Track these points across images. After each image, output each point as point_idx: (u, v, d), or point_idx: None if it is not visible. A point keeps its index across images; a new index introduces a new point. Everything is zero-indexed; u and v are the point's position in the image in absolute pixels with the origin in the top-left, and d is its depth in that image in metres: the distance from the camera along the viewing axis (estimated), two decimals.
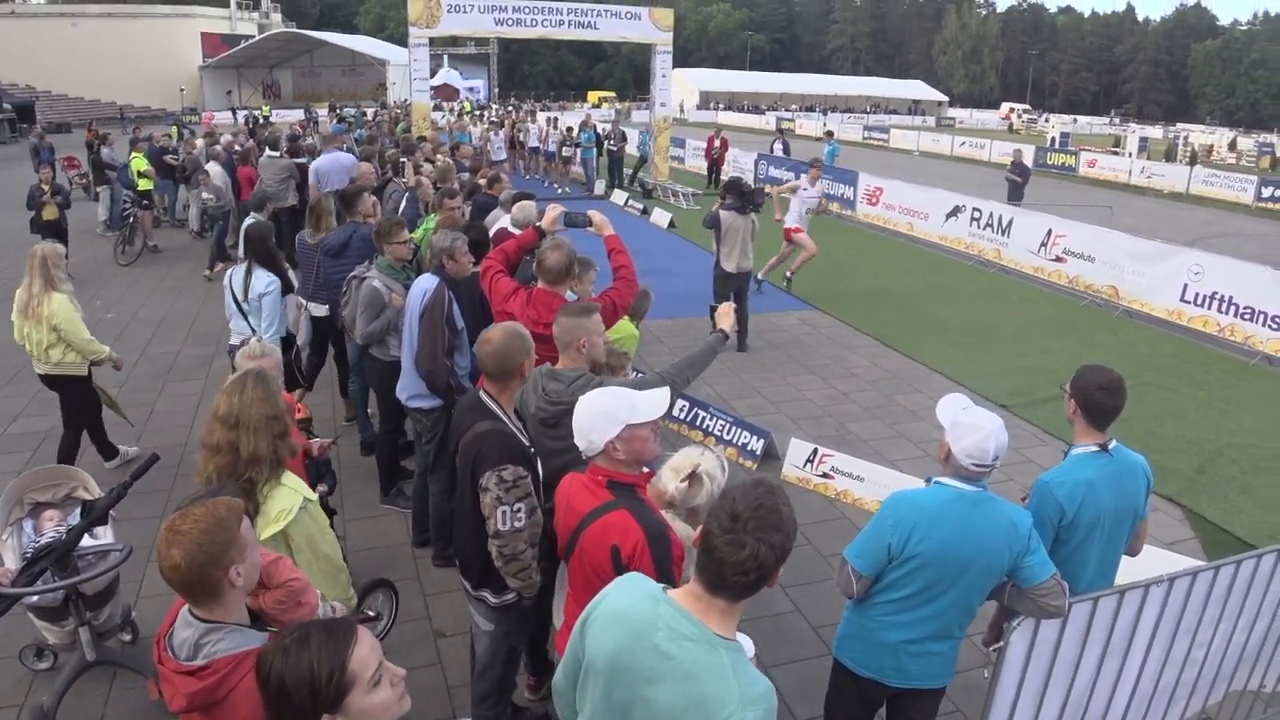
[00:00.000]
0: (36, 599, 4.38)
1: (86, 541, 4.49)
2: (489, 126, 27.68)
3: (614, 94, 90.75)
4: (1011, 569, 3.26)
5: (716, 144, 25.85)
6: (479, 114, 42.62)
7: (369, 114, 38.32)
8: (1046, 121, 77.61)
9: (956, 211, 17.85)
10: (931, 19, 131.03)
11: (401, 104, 41.16)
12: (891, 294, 14.18)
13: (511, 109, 48.65)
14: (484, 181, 10.41)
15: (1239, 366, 11.25)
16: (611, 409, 3.06)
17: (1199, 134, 62.13)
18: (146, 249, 15.58)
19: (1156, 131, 65.34)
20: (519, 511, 3.45)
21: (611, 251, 5.18)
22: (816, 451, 7.34)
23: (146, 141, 18.15)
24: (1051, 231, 15.27)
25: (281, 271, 6.99)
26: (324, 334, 8.17)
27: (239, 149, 16.74)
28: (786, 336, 11.72)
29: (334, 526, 5.51)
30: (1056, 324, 12.93)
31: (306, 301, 7.95)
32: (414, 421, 6.06)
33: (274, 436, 3.45)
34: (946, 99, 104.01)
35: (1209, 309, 12.27)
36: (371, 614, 5.09)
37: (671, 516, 3.40)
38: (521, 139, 27.67)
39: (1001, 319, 13.01)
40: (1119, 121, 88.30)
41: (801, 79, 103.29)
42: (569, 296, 5.23)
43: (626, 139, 26.22)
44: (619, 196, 23.30)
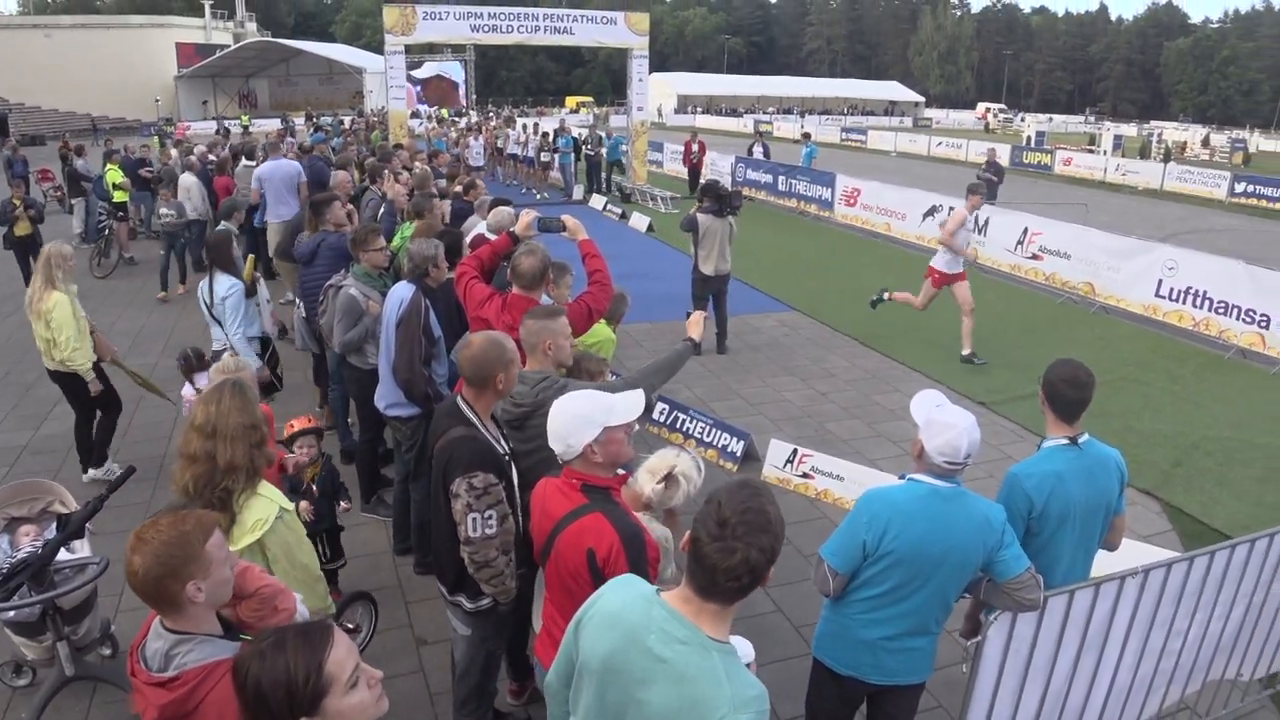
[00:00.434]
0: (13, 614, 4.33)
1: (63, 555, 4.44)
2: (466, 132, 27.61)
3: (592, 99, 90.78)
4: (986, 563, 3.28)
5: (695, 148, 25.70)
6: (456, 120, 42.51)
7: (346, 122, 38.18)
8: (1022, 121, 78.25)
9: (934, 211, 17.95)
10: (907, 20, 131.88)
11: (378, 112, 41.08)
12: (870, 294, 14.20)
13: (491, 114, 48.58)
14: (460, 188, 10.42)
15: (1214, 360, 11.35)
16: (589, 412, 3.05)
17: (1172, 131, 62.75)
18: (122, 261, 15.47)
19: (1131, 129, 66.02)
20: (490, 519, 3.43)
21: (586, 256, 5.18)
22: (796, 452, 7.37)
23: (121, 153, 18.03)
24: (1028, 229, 15.38)
25: (239, 276, 7.08)
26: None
27: (214, 159, 16.64)
28: (765, 338, 11.75)
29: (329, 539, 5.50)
30: (1034, 321, 13.02)
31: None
32: (393, 430, 6.04)
33: (251, 445, 3.43)
34: (923, 100, 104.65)
35: (1184, 304, 12.38)
36: (350, 626, 5.08)
37: (648, 518, 3.41)
38: (500, 145, 27.63)
39: (979, 317, 13.03)
40: (1094, 120, 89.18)
41: (779, 81, 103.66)
42: (545, 302, 5.24)
43: (604, 143, 26.22)
44: (597, 201, 23.32)
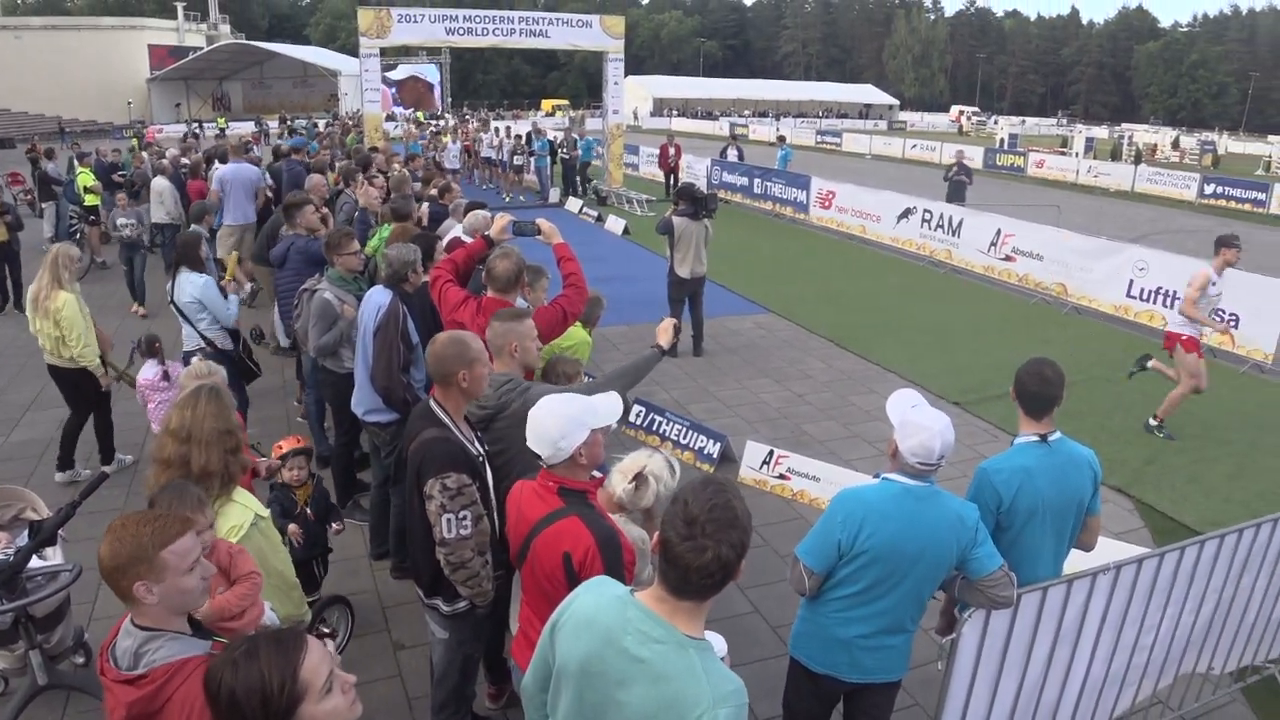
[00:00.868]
0: None
1: (35, 563, 4.40)
2: (442, 135, 27.51)
3: (568, 102, 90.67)
4: (960, 561, 3.31)
5: (671, 152, 25.49)
6: (433, 122, 42.37)
7: (320, 125, 37.97)
8: (995, 123, 78.92)
9: (908, 213, 18.07)
10: (881, 24, 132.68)
11: (353, 115, 40.88)
12: (845, 296, 14.31)
13: (467, 116, 48.43)
14: (435, 191, 10.39)
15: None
16: (578, 414, 3.06)
17: (1143, 133, 63.50)
18: (94, 265, 15.30)
19: (1102, 131, 66.66)
20: (464, 519, 3.43)
21: (561, 259, 5.18)
22: (773, 453, 7.39)
23: (92, 156, 17.85)
24: (1001, 231, 15.51)
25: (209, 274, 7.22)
26: None
27: (187, 163, 16.51)
28: (742, 340, 11.78)
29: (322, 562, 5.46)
30: (1007, 322, 13.13)
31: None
32: (372, 435, 6.01)
33: (225, 451, 3.42)
34: (897, 102, 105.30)
35: (1154, 304, 12.53)
36: (327, 630, 5.05)
37: (624, 520, 3.42)
38: (476, 149, 27.52)
39: (953, 318, 13.18)
40: (1066, 122, 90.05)
41: (754, 84, 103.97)
42: (520, 305, 5.23)
43: (578, 146, 26.21)
44: (573, 204, 23.32)
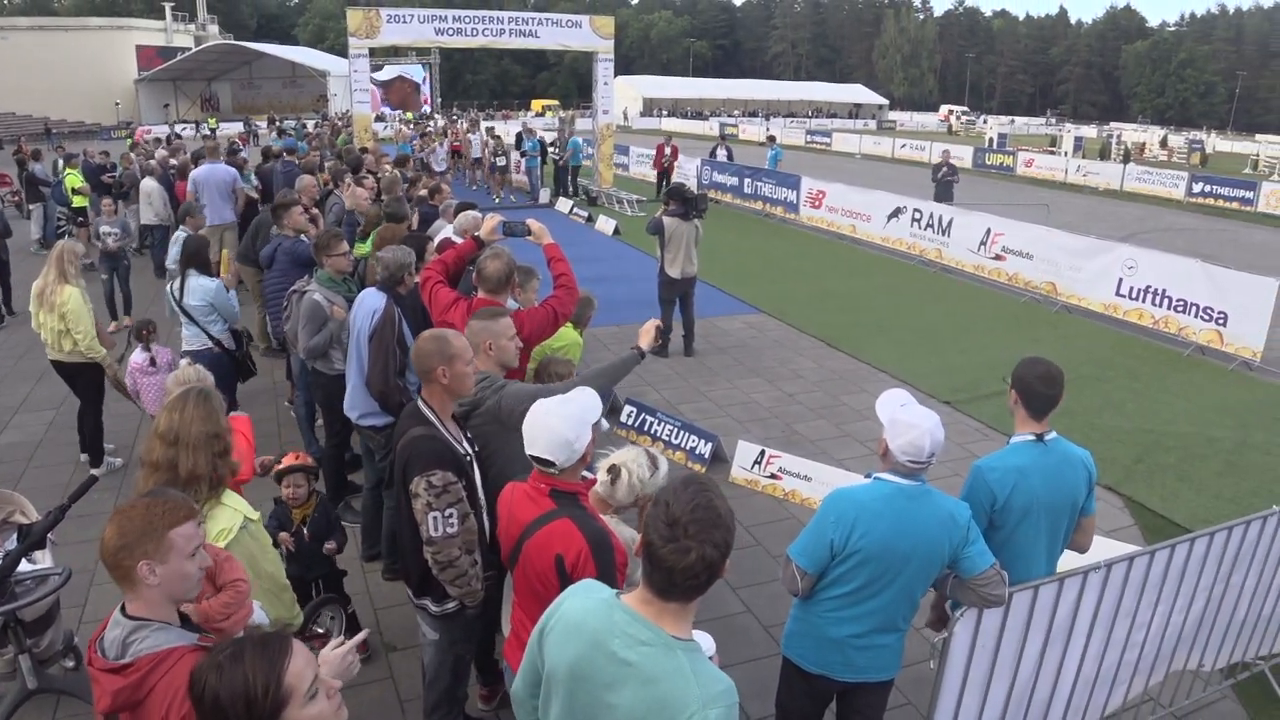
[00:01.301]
0: None
1: (24, 566, 4.37)
2: (432, 138, 27.42)
3: (557, 102, 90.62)
4: (952, 560, 3.31)
5: (667, 152, 25.18)
6: (423, 122, 42.28)
7: (309, 126, 37.87)
8: (985, 123, 79.16)
9: (898, 213, 18.09)
10: (870, 24, 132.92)
11: (342, 115, 40.79)
12: (836, 295, 14.33)
13: (455, 117, 48.34)
14: (425, 192, 10.38)
15: (1173, 358, 11.54)
16: (582, 413, 3.07)
17: (1131, 132, 63.81)
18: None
19: (1091, 131, 66.91)
20: (450, 517, 3.42)
21: (551, 260, 5.17)
22: (764, 453, 7.40)
23: (80, 157, 17.76)
24: (990, 230, 15.54)
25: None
26: None
27: (175, 164, 16.44)
28: (733, 340, 11.79)
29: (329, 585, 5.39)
30: (997, 321, 13.16)
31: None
32: (366, 439, 5.96)
33: (214, 455, 3.39)
34: (887, 102, 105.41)
35: (1143, 302, 12.57)
36: (320, 631, 5.03)
37: (615, 521, 3.42)
38: (467, 150, 27.42)
39: (943, 317, 13.21)
40: (1055, 121, 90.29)
41: (744, 84, 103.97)
42: (511, 305, 5.22)
43: (569, 146, 26.18)
44: (564, 204, 23.31)
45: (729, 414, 9.11)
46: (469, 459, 3.66)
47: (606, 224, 20.12)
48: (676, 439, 7.98)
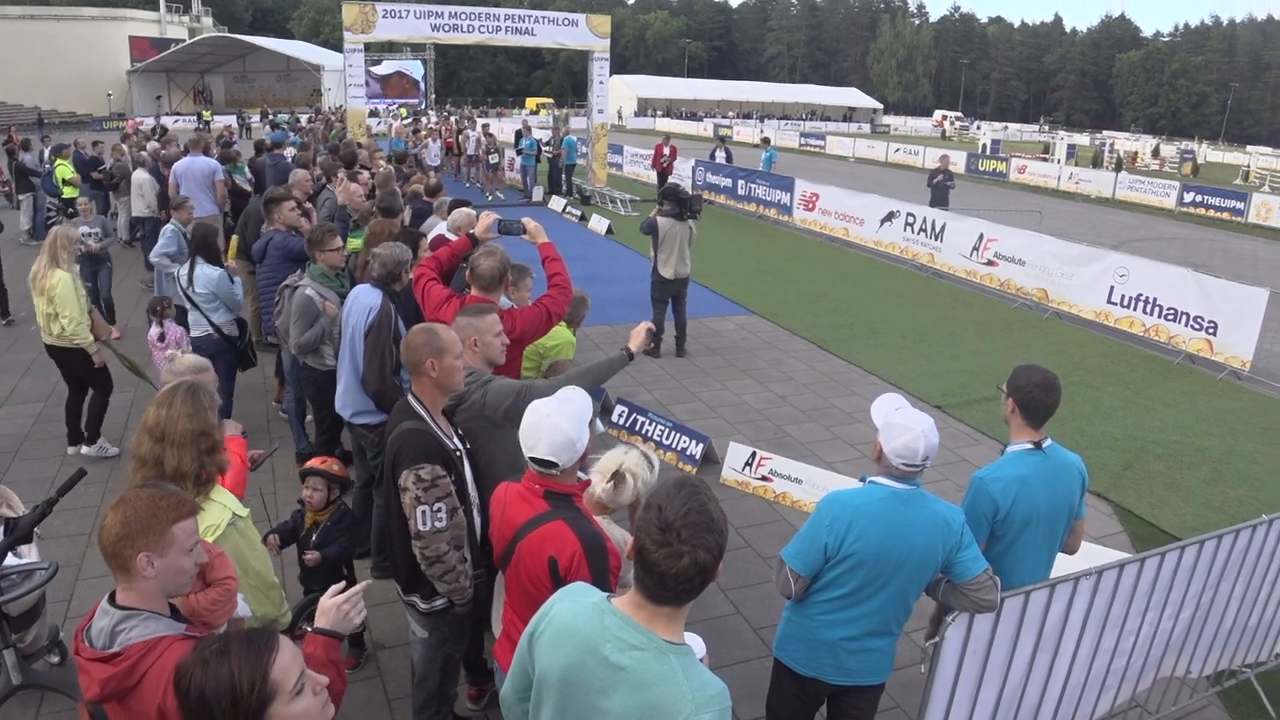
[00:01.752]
0: None
1: (10, 560, 4.34)
2: (425, 135, 27.37)
3: (552, 100, 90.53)
4: (945, 564, 3.32)
5: (665, 152, 24.84)
6: (417, 118, 42.16)
7: (302, 120, 37.75)
8: (978, 128, 79.23)
9: (891, 217, 18.13)
10: (866, 28, 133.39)
11: (336, 110, 40.67)
12: (828, 298, 14.35)
13: (447, 113, 48.23)
14: (421, 188, 10.35)
15: (1163, 365, 11.58)
16: (581, 412, 3.06)
17: (1124, 141, 63.91)
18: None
19: (1084, 139, 67.21)
20: (439, 512, 3.41)
21: (546, 259, 5.16)
22: (755, 455, 7.40)
23: (71, 148, 17.64)
24: (983, 236, 15.58)
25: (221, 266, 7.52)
26: None
27: (165, 155, 16.33)
28: (724, 341, 11.79)
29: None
30: (989, 326, 13.19)
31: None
32: (358, 437, 5.92)
33: (200, 452, 3.35)
34: (881, 106, 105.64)
35: (1134, 310, 12.61)
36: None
37: (607, 522, 3.40)
38: (461, 145, 27.36)
39: (935, 322, 13.23)
40: (1048, 129, 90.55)
41: (739, 86, 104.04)
42: (505, 303, 5.21)
43: (563, 144, 26.15)
44: (557, 203, 23.28)
45: (720, 415, 9.10)
46: (459, 454, 3.64)
47: (600, 223, 20.10)
48: (668, 439, 7.97)
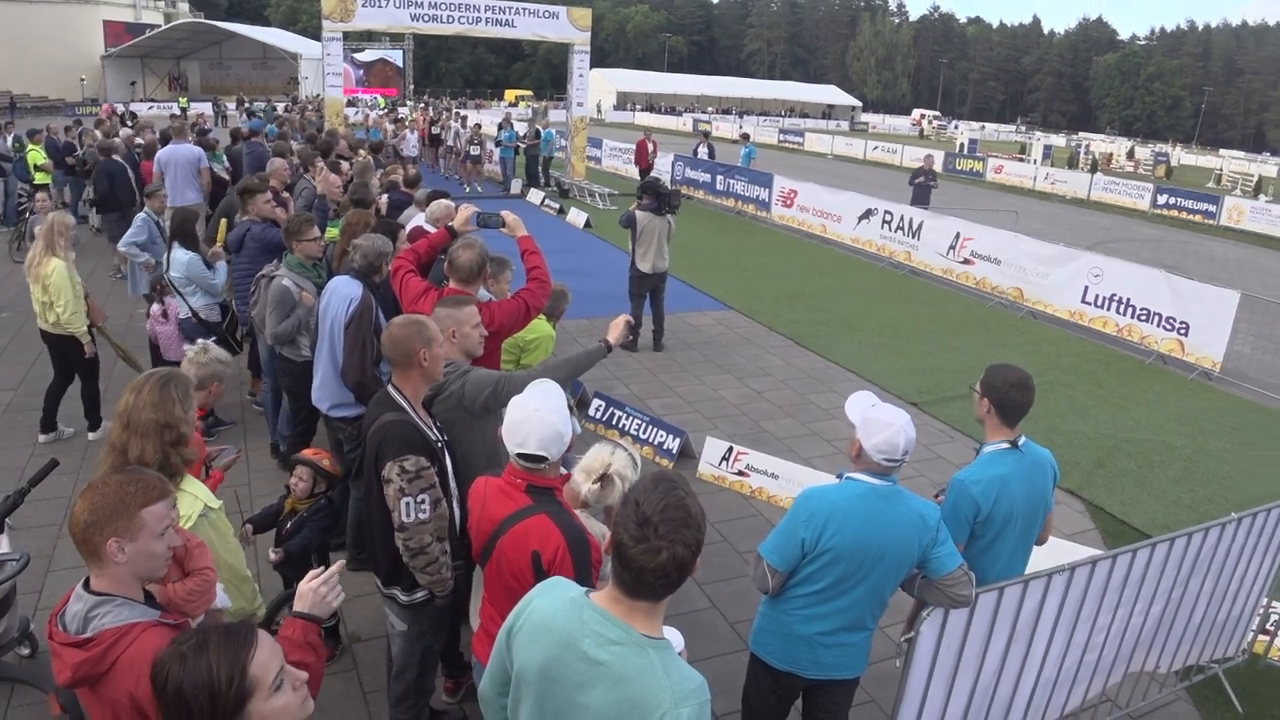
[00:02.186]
0: None
1: None
2: (402, 125, 27.19)
3: (531, 93, 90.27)
4: (921, 560, 3.34)
5: (650, 148, 24.17)
6: (396, 110, 41.91)
7: (279, 108, 37.41)
8: (956, 128, 79.73)
9: (869, 214, 18.21)
10: (846, 26, 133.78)
11: (313, 99, 40.35)
12: (805, 294, 14.39)
13: (424, 105, 47.91)
14: (399, 178, 10.29)
15: (1136, 365, 11.71)
16: (561, 405, 3.06)
17: (1099, 143, 64.48)
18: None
19: (1060, 140, 67.61)
20: (423, 503, 3.41)
21: (525, 253, 5.14)
22: (732, 450, 7.42)
23: (44, 133, 17.40)
24: (960, 235, 15.69)
25: (198, 251, 7.63)
26: None
27: (141, 143, 16.17)
28: (702, 336, 11.81)
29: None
30: (964, 324, 13.28)
31: None
32: (336, 430, 5.86)
33: (164, 444, 3.29)
34: (860, 104, 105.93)
35: (1108, 310, 12.75)
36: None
37: (586, 516, 3.39)
38: (441, 136, 27.19)
39: (912, 319, 13.31)
40: (1025, 129, 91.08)
41: (719, 81, 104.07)
42: (484, 296, 5.19)
43: (540, 137, 26.09)
44: (535, 195, 23.22)
45: (697, 410, 9.12)
46: (440, 445, 3.64)
47: (578, 217, 20.07)
48: (645, 434, 7.98)
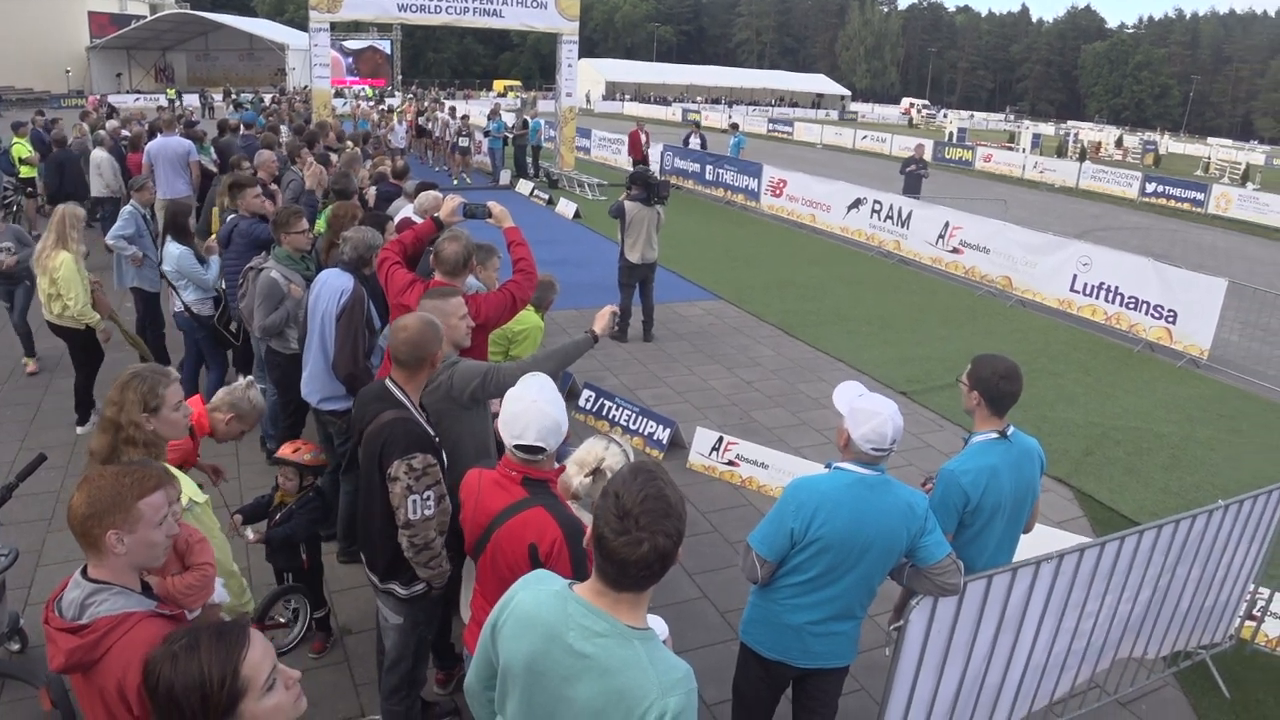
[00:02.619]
0: None
1: None
2: (390, 114, 27.07)
3: (520, 83, 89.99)
4: (909, 549, 3.35)
5: (643, 139, 23.87)
6: (383, 102, 41.72)
7: (266, 100, 37.21)
8: (945, 117, 79.91)
9: (858, 204, 18.22)
10: (835, 15, 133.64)
11: (301, 90, 40.16)
12: (795, 284, 14.40)
13: (412, 96, 47.69)
14: (388, 169, 10.25)
15: (1124, 353, 11.75)
16: (559, 398, 3.07)
17: (1088, 131, 64.64)
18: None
19: (1049, 128, 67.87)
20: (429, 499, 3.42)
21: (511, 244, 5.13)
22: (722, 440, 7.43)
23: (29, 125, 17.26)
24: (949, 224, 15.70)
25: (191, 246, 7.50)
26: None
27: (128, 135, 16.05)
28: (692, 326, 11.81)
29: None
30: (953, 313, 13.30)
31: None
32: (326, 423, 5.84)
33: (118, 440, 3.26)
34: (849, 93, 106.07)
35: (1096, 299, 12.78)
36: (283, 620, 4.96)
37: (577, 508, 3.39)
38: (429, 127, 27.08)
39: (901, 308, 13.33)
40: (1013, 118, 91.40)
41: (708, 71, 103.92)
42: (474, 284, 5.18)
43: (528, 127, 26.03)
44: (524, 186, 23.16)
45: (687, 400, 9.12)
46: (437, 441, 3.64)
47: (567, 207, 20.03)
48: (635, 424, 7.98)
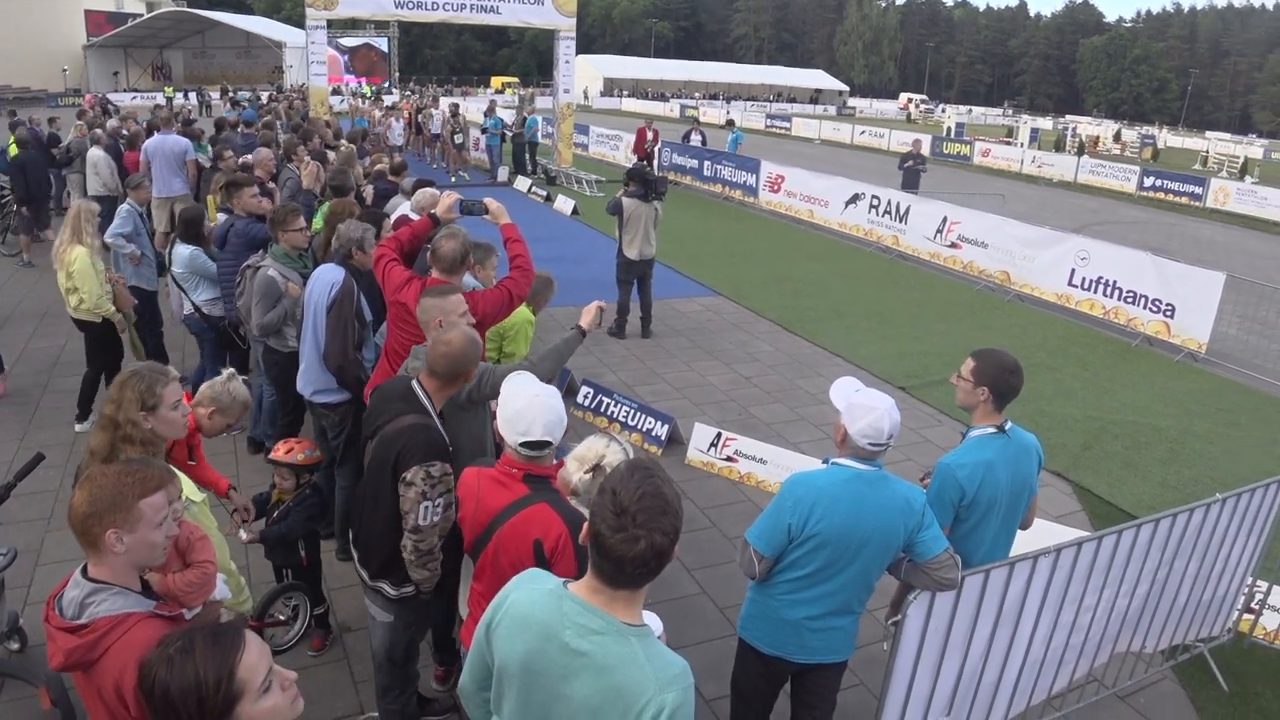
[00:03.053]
0: None
1: None
2: (389, 111, 27.04)
3: (517, 79, 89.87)
4: (907, 544, 3.36)
5: (649, 136, 23.54)
6: (381, 99, 41.68)
7: (263, 98, 37.18)
8: (943, 112, 79.67)
9: (856, 199, 18.21)
10: (833, 10, 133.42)
11: (298, 88, 40.11)
12: (793, 280, 14.39)
13: (410, 93, 47.65)
14: (385, 166, 10.24)
15: (1122, 348, 11.75)
16: (556, 391, 3.08)
17: (1086, 126, 64.48)
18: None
19: (1047, 123, 67.67)
20: (439, 506, 3.43)
21: (508, 240, 5.13)
22: (720, 435, 7.43)
23: (26, 125, 17.22)
24: (947, 219, 15.70)
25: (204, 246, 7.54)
26: None
27: (126, 133, 16.02)
28: (690, 322, 11.81)
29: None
30: (951, 308, 13.30)
31: None
32: (319, 417, 5.84)
33: (115, 439, 3.29)
34: (847, 89, 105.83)
35: (1095, 293, 12.78)
36: (282, 618, 4.96)
37: (576, 504, 3.40)
38: (425, 124, 27.06)
39: (899, 303, 13.33)
40: (1011, 113, 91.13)
41: (705, 67, 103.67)
42: (470, 283, 5.19)
43: (524, 124, 26.02)
44: (522, 183, 23.14)
45: (685, 396, 9.12)
46: (450, 449, 3.65)
47: (565, 204, 20.01)
48: (633, 420, 7.98)
